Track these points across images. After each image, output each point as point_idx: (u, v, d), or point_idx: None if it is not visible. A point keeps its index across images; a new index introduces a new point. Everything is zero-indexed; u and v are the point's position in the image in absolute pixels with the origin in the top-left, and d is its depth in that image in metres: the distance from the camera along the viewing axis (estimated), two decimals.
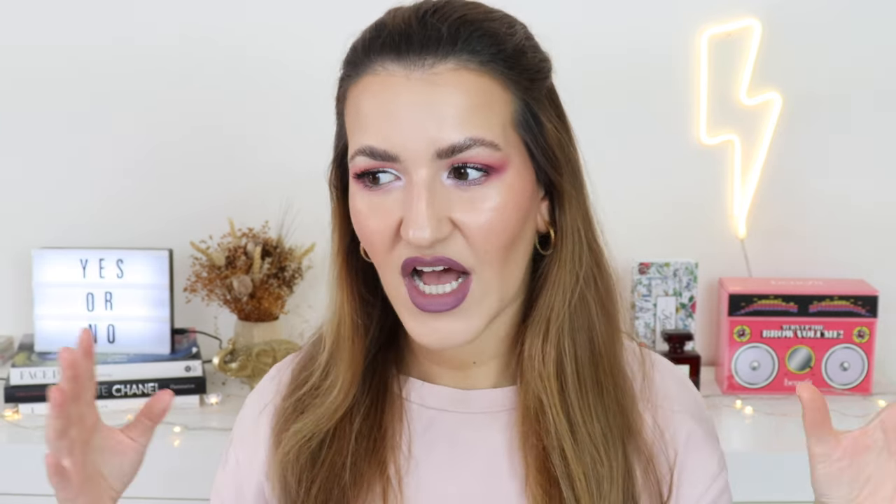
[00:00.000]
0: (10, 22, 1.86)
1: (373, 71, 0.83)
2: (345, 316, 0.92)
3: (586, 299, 0.91)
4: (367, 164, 0.83)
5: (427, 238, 0.81)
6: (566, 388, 0.89)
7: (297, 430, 0.93)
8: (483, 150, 0.82)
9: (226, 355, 1.76)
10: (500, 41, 0.85)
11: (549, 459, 0.89)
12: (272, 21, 1.86)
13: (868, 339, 1.75)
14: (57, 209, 1.91)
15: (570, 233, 0.90)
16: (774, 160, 1.87)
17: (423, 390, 0.95)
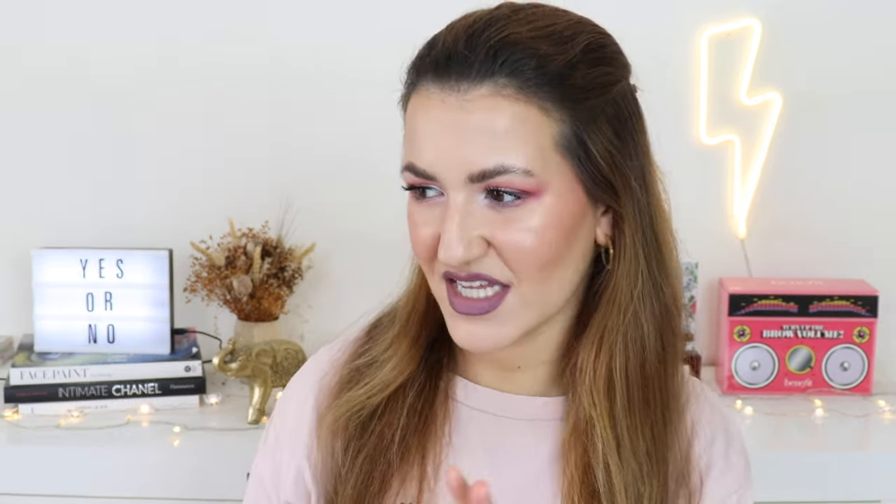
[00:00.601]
0: (9, 22, 1.86)
1: (418, 90, 0.85)
2: (421, 296, 0.94)
3: (639, 319, 0.91)
4: (411, 179, 0.86)
5: (457, 259, 0.83)
6: (614, 403, 0.90)
7: (350, 397, 0.95)
8: (514, 177, 0.82)
9: (226, 355, 1.76)
10: (544, 62, 0.82)
11: (593, 473, 0.89)
12: (273, 22, 1.86)
13: (868, 339, 1.75)
14: (57, 209, 1.91)
15: (627, 252, 0.90)
16: (774, 160, 1.87)
17: (467, 389, 0.96)
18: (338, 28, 1.83)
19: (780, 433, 1.62)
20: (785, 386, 1.77)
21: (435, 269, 0.87)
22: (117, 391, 1.66)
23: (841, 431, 1.63)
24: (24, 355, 1.71)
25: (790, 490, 1.52)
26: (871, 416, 1.68)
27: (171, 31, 1.86)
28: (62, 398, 1.64)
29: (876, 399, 1.74)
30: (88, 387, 1.65)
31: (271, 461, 0.99)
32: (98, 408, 1.66)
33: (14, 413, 1.63)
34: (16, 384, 1.64)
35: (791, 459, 1.53)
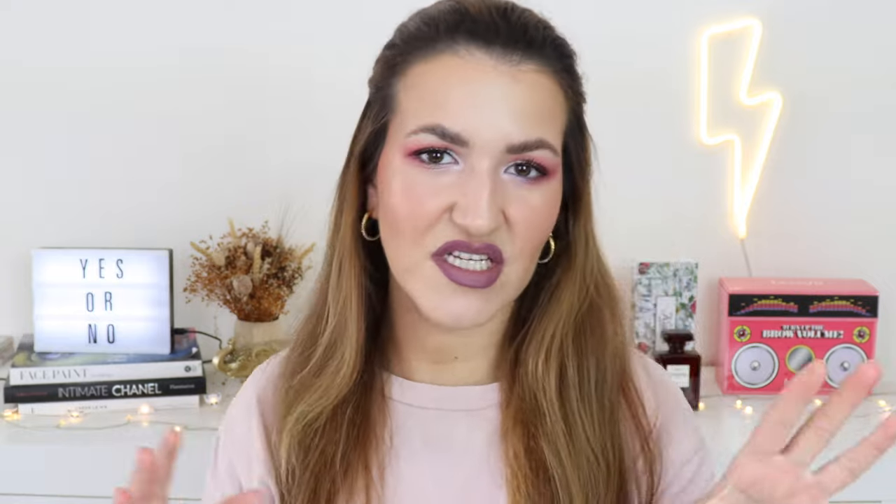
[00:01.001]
0: (9, 23, 1.86)
1: (455, 53, 0.84)
2: (351, 294, 0.92)
3: (597, 306, 0.93)
4: (432, 141, 0.83)
5: (486, 227, 0.82)
6: (566, 391, 0.91)
7: (301, 412, 0.93)
8: (547, 153, 0.85)
9: (226, 355, 1.76)
10: (570, 54, 0.90)
11: (542, 459, 0.89)
12: (272, 24, 1.86)
13: (868, 339, 1.75)
14: (57, 209, 1.91)
15: (583, 242, 0.93)
16: (774, 160, 1.87)
17: (403, 387, 0.95)
18: (337, 28, 1.83)
19: None
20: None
21: (427, 241, 0.85)
22: (117, 391, 1.66)
23: (841, 431, 1.62)
24: (24, 355, 1.71)
25: None
26: (871, 416, 1.68)
27: (172, 31, 1.86)
28: (62, 398, 1.64)
29: (876, 399, 1.74)
30: (88, 387, 1.65)
31: (229, 484, 1.00)
32: (98, 408, 1.66)
33: (14, 413, 1.63)
34: (16, 384, 1.64)
35: None
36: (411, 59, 0.87)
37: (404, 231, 0.86)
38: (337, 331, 0.92)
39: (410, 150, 0.85)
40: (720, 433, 1.66)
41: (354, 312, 0.91)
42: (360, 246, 0.92)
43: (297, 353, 0.97)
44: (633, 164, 1.88)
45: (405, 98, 0.87)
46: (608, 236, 1.00)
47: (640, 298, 1.80)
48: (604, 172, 0.96)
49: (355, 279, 0.92)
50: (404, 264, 0.87)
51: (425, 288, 0.86)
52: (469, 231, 0.83)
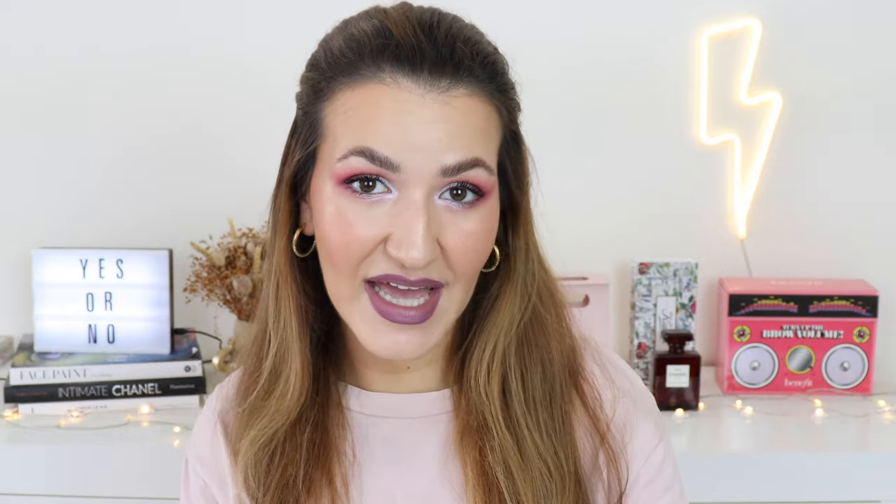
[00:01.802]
0: (8, 23, 1.86)
1: (381, 81, 0.82)
2: (290, 317, 0.90)
3: (540, 316, 0.92)
4: (361, 166, 0.81)
5: (422, 260, 0.80)
6: (510, 404, 0.90)
7: (253, 437, 0.92)
8: (482, 173, 0.83)
9: (226, 355, 1.76)
10: (501, 70, 0.86)
11: (491, 473, 0.88)
12: (272, 26, 1.86)
13: (868, 339, 1.75)
14: (57, 209, 1.90)
15: (524, 253, 0.92)
16: (774, 160, 1.87)
17: (360, 397, 0.95)
18: None
19: (780, 433, 1.62)
20: (785, 386, 1.77)
21: (360, 272, 0.84)
22: (117, 391, 1.66)
23: (841, 431, 1.63)
24: (24, 355, 1.71)
25: (790, 490, 1.52)
26: (871, 416, 1.68)
27: (170, 31, 1.86)
28: (62, 398, 1.64)
29: (876, 399, 1.74)
30: (88, 387, 1.65)
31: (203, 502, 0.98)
32: (98, 408, 1.66)
33: (14, 413, 1.63)
34: (16, 384, 1.64)
35: (791, 459, 1.53)
36: (336, 85, 0.84)
37: (338, 262, 0.84)
38: (279, 354, 0.91)
39: (342, 178, 0.83)
40: (720, 433, 1.66)
41: (296, 335, 0.90)
42: (294, 267, 0.91)
43: (246, 375, 0.96)
44: (633, 163, 1.88)
45: (333, 123, 0.85)
46: (608, 236, 1.00)
47: (640, 298, 1.80)
48: (604, 172, 0.97)
49: (293, 301, 0.90)
50: (341, 295, 0.86)
51: (360, 321, 0.86)
52: (405, 264, 0.81)
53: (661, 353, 1.71)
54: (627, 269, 1.86)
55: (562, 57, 1.83)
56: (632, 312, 1.82)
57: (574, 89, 1.83)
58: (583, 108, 1.84)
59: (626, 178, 1.88)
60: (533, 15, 1.78)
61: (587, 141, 1.85)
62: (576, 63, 1.82)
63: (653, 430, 0.95)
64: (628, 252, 1.86)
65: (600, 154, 1.87)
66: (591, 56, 1.84)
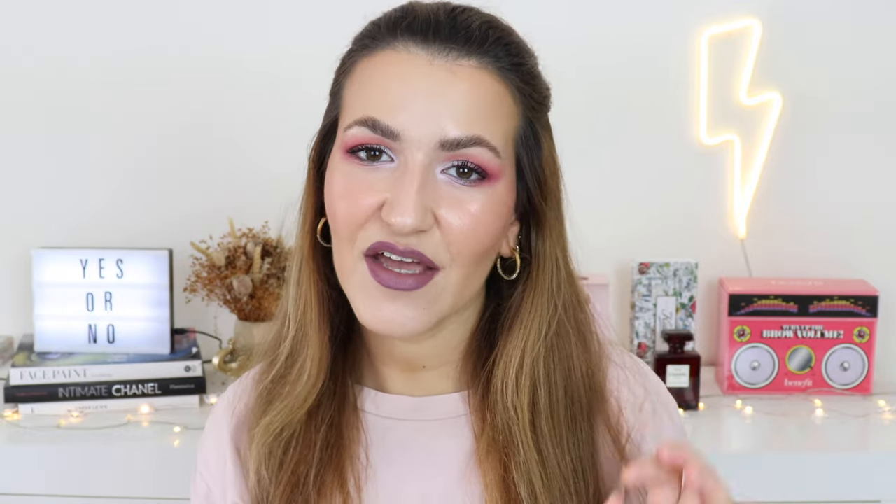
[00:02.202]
0: (8, 24, 1.86)
1: (393, 48, 0.83)
2: (311, 301, 0.90)
3: (565, 328, 0.90)
4: (364, 135, 0.82)
5: (410, 225, 0.80)
6: (537, 419, 0.88)
7: (267, 423, 0.91)
8: (484, 152, 0.82)
9: (226, 355, 1.76)
10: (522, 56, 0.86)
11: (517, 490, 0.87)
12: (272, 28, 1.86)
13: (868, 339, 1.75)
14: (57, 209, 1.90)
15: (550, 261, 0.90)
16: (774, 160, 1.87)
17: (377, 400, 0.94)
18: (337, 30, 1.83)
19: (780, 433, 1.62)
20: (785, 386, 1.77)
21: (359, 241, 0.83)
22: (117, 391, 1.66)
23: (841, 431, 1.63)
24: (24, 355, 1.71)
25: (790, 490, 1.52)
26: (871, 416, 1.68)
27: (170, 31, 1.86)
28: (62, 398, 1.64)
29: (876, 399, 1.74)
30: (88, 387, 1.65)
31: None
32: (98, 408, 1.66)
33: (14, 413, 1.63)
34: (16, 384, 1.64)
35: (791, 459, 1.53)
36: (356, 57, 0.87)
37: (340, 230, 0.84)
38: (297, 338, 0.91)
39: (347, 147, 0.83)
40: (720, 433, 1.67)
41: (315, 320, 0.90)
42: (317, 252, 0.90)
43: (265, 363, 0.96)
44: (633, 163, 1.88)
45: (348, 95, 0.86)
46: (608, 236, 0.99)
47: (640, 298, 1.80)
48: (604, 172, 0.97)
49: (314, 286, 0.90)
50: (343, 266, 0.86)
51: (358, 291, 0.85)
52: (393, 229, 0.80)
53: (661, 353, 1.71)
54: (627, 269, 1.86)
55: (561, 57, 1.82)
56: (632, 312, 1.82)
57: (574, 89, 1.83)
58: (582, 108, 1.84)
59: (626, 178, 1.88)
60: (532, 15, 1.78)
61: (587, 141, 1.85)
62: (575, 63, 1.82)
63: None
64: (628, 252, 1.86)
65: (600, 154, 1.87)
66: (591, 56, 1.84)
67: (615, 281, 1.89)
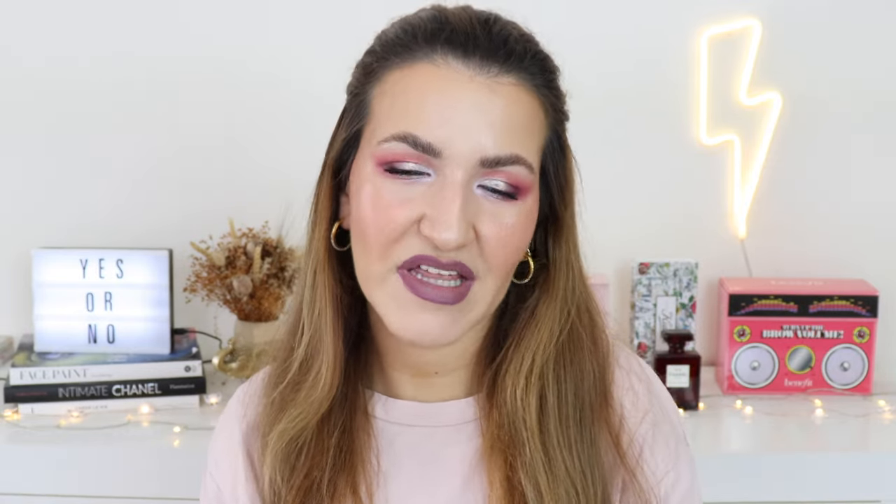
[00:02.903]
0: (8, 24, 1.86)
1: (432, 62, 0.82)
2: (325, 306, 0.89)
3: (578, 332, 0.91)
4: (402, 151, 0.81)
5: (455, 241, 0.80)
6: (545, 420, 0.88)
7: (282, 430, 0.91)
8: (521, 170, 0.83)
9: (226, 355, 1.76)
10: (552, 70, 0.88)
11: (519, 491, 0.87)
12: (274, 27, 1.86)
13: (868, 339, 1.75)
14: (57, 209, 1.90)
15: (566, 266, 0.91)
16: (774, 160, 1.87)
17: (386, 405, 0.94)
18: (337, 30, 1.83)
19: (780, 433, 1.62)
20: (785, 386, 1.77)
21: (394, 254, 0.83)
22: (117, 391, 1.66)
23: (841, 431, 1.63)
24: (24, 355, 1.71)
25: (790, 490, 1.52)
26: (871, 416, 1.68)
27: (171, 34, 1.86)
28: (62, 398, 1.64)
29: (876, 399, 1.74)
30: (88, 387, 1.65)
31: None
32: (98, 408, 1.66)
33: (14, 413, 1.63)
34: (16, 384, 1.64)
35: (791, 459, 1.53)
36: (388, 65, 0.85)
37: (372, 242, 0.84)
38: (312, 344, 0.90)
39: (382, 160, 0.83)
40: (720, 433, 1.66)
41: (329, 325, 0.89)
42: (332, 257, 0.90)
43: (276, 367, 0.95)
44: (633, 164, 1.88)
45: (379, 105, 0.85)
46: (609, 236, 0.99)
47: (640, 298, 1.80)
48: (604, 172, 0.97)
49: (329, 291, 0.89)
50: (370, 276, 0.85)
51: (390, 302, 0.84)
52: (437, 244, 0.81)
53: (661, 353, 1.71)
54: (627, 269, 1.86)
55: (560, 57, 1.82)
56: (632, 312, 1.82)
57: (573, 89, 1.83)
58: (582, 108, 1.83)
59: (626, 178, 1.88)
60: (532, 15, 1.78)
61: (586, 141, 1.84)
62: (575, 63, 1.81)
63: (671, 452, 0.92)
64: (628, 252, 1.86)
65: (600, 154, 1.86)
66: (591, 56, 1.84)
67: (615, 281, 1.89)
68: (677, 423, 0.96)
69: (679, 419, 0.97)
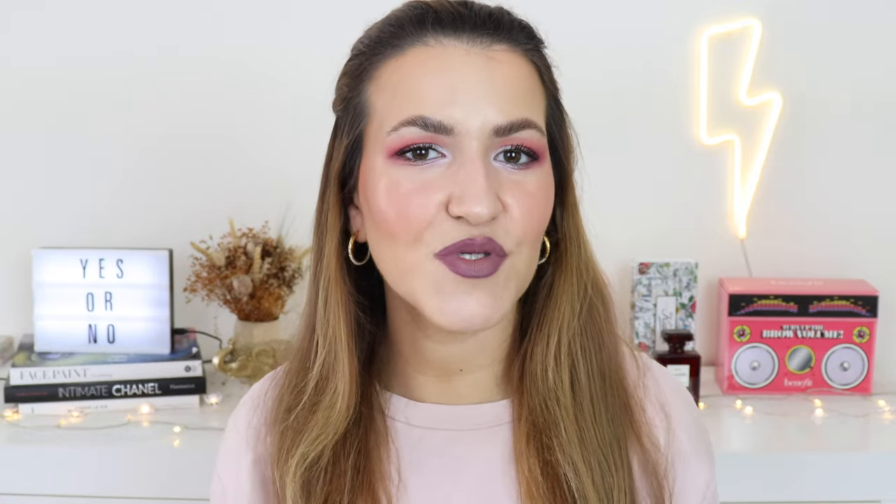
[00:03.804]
0: (8, 24, 1.86)
1: (425, 44, 0.82)
2: (339, 325, 0.87)
3: (595, 305, 0.90)
4: (416, 135, 0.80)
5: (487, 213, 0.78)
6: (580, 398, 0.87)
7: (303, 453, 0.88)
8: (534, 134, 0.83)
9: (226, 355, 1.76)
10: (539, 38, 0.88)
11: (553, 474, 0.86)
12: (272, 26, 1.86)
13: (868, 339, 1.75)
14: (57, 209, 1.91)
15: (576, 239, 0.90)
16: (774, 160, 1.87)
17: (407, 408, 0.91)
18: (336, 30, 1.83)
19: (780, 433, 1.62)
20: (785, 386, 1.77)
21: (426, 241, 0.81)
22: (117, 391, 1.66)
23: (841, 431, 1.63)
24: (24, 355, 1.71)
25: (790, 490, 1.52)
26: (871, 416, 1.68)
27: (173, 31, 1.86)
28: (62, 398, 1.64)
29: (876, 399, 1.74)
30: (88, 387, 1.65)
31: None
32: (98, 408, 1.66)
33: (14, 413, 1.63)
34: (16, 384, 1.64)
35: (791, 459, 1.53)
36: (380, 59, 0.84)
37: (398, 234, 0.81)
38: (327, 364, 0.88)
39: (394, 150, 0.81)
40: (720, 433, 1.66)
41: (345, 343, 0.87)
42: (345, 272, 0.88)
43: (289, 388, 0.92)
44: (633, 163, 1.88)
45: (379, 99, 0.84)
46: (609, 236, 0.99)
47: (640, 298, 1.80)
48: (604, 172, 0.97)
49: (343, 308, 0.87)
50: (404, 268, 0.82)
51: (429, 286, 0.81)
52: (469, 219, 0.79)
53: (661, 353, 1.71)
54: (627, 269, 1.86)
55: (560, 57, 1.82)
56: (632, 312, 1.82)
57: (573, 89, 1.83)
58: (582, 108, 1.83)
59: (626, 178, 1.88)
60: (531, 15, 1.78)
61: (586, 141, 1.84)
62: (575, 63, 1.82)
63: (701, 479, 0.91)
64: (628, 252, 1.86)
65: (600, 154, 1.85)
66: (590, 56, 1.84)
67: (615, 281, 1.88)
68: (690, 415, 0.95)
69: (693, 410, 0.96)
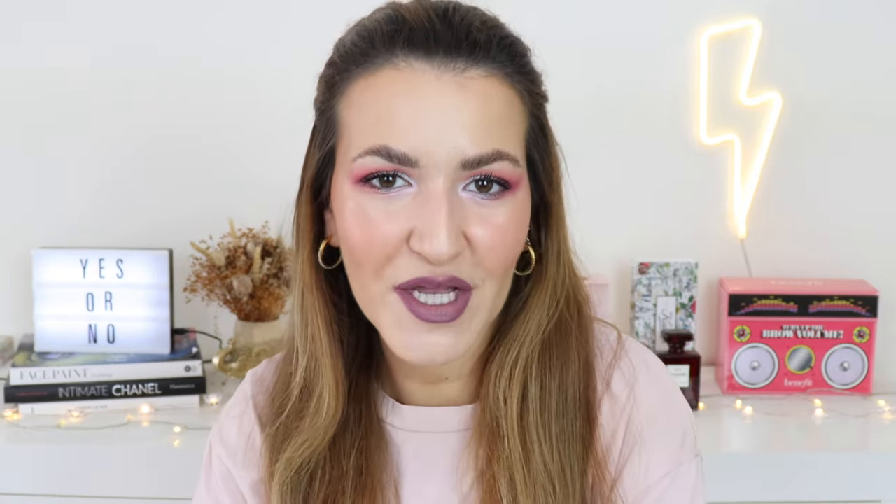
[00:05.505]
0: (7, 24, 1.86)
1: (394, 66, 0.78)
2: (318, 330, 0.86)
3: (566, 323, 0.88)
4: (379, 165, 0.77)
5: (446, 252, 0.76)
6: (526, 413, 0.85)
7: (289, 459, 0.88)
8: (506, 165, 0.79)
9: (226, 355, 1.76)
10: (524, 55, 0.83)
11: (494, 486, 0.84)
12: (270, 30, 1.86)
13: (868, 339, 1.75)
14: (57, 209, 1.91)
15: (555, 255, 0.88)
16: (774, 160, 1.87)
17: (393, 411, 0.92)
18: (335, 29, 1.83)
19: (780, 433, 1.62)
20: (785, 386, 1.77)
21: (388, 275, 0.79)
22: (117, 391, 1.66)
23: (841, 431, 1.63)
24: (25, 355, 1.71)
25: (790, 490, 1.52)
26: (870, 416, 1.68)
27: (169, 36, 1.86)
28: (62, 398, 1.64)
29: (876, 399, 1.74)
30: (88, 387, 1.65)
31: (226, 495, 0.96)
32: (98, 408, 1.66)
33: (14, 413, 1.63)
34: (16, 384, 1.64)
35: (791, 459, 1.53)
36: (350, 76, 0.81)
37: (363, 263, 0.80)
38: (309, 370, 0.87)
39: (359, 177, 0.79)
40: (720, 433, 1.66)
41: (326, 348, 0.86)
42: (321, 277, 0.87)
43: (278, 392, 0.93)
44: (632, 164, 1.88)
45: (348, 118, 0.81)
46: (609, 236, 0.99)
47: (640, 298, 1.80)
48: (604, 172, 0.97)
49: (320, 313, 0.86)
50: (369, 297, 0.82)
51: (392, 323, 0.81)
52: (429, 259, 0.77)
53: (661, 353, 1.71)
54: (627, 269, 1.86)
55: (560, 57, 1.82)
56: (632, 312, 1.82)
57: (573, 89, 1.83)
58: (582, 108, 1.84)
59: (626, 178, 1.88)
60: (531, 15, 1.79)
61: (586, 141, 1.85)
62: (575, 63, 1.82)
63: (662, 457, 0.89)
64: (628, 252, 1.86)
65: (600, 154, 1.87)
66: (590, 56, 1.84)
67: (615, 281, 1.89)
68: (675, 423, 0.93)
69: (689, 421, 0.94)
